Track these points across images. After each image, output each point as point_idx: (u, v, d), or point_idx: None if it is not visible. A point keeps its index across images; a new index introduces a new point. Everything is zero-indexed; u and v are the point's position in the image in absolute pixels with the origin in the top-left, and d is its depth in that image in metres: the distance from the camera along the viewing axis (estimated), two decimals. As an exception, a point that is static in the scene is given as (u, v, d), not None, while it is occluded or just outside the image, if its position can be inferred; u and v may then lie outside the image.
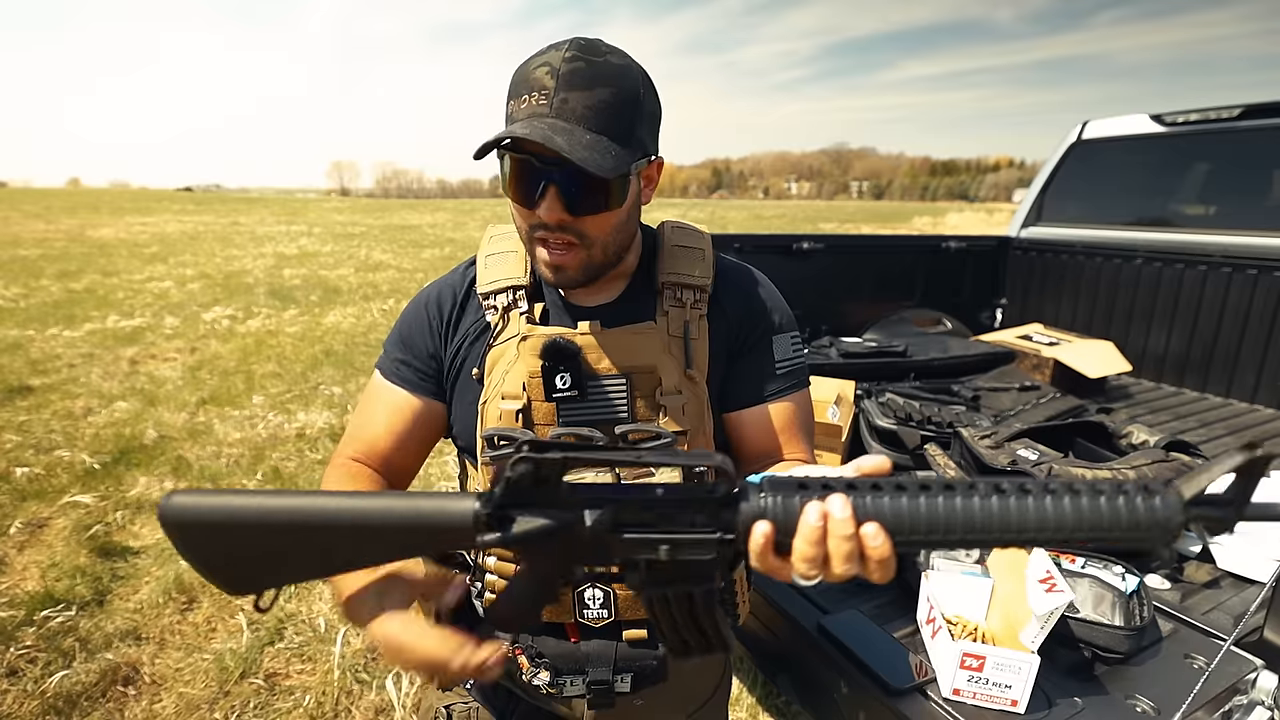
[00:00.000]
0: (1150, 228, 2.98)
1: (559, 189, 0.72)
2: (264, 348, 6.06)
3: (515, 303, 0.85)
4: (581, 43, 0.72)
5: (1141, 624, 1.10)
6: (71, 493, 3.19)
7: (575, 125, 0.69)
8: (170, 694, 2.02)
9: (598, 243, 0.77)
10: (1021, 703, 0.99)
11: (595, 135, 0.70)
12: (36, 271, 9.96)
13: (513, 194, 0.75)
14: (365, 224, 24.61)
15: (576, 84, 0.70)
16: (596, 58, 0.71)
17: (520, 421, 0.81)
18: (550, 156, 0.69)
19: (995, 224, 24.81)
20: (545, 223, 0.74)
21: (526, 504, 0.54)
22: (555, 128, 0.68)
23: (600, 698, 0.85)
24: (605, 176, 0.69)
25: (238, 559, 0.56)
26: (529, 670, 0.86)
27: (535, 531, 0.54)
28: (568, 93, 0.69)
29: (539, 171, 0.72)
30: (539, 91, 0.70)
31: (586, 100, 0.70)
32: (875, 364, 2.41)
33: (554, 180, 0.72)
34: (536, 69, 0.71)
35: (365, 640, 1.76)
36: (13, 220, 20.65)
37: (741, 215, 35.73)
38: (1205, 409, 2.56)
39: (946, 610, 1.12)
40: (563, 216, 0.73)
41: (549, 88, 0.70)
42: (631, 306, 0.86)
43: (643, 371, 0.81)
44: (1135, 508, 0.46)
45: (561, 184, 0.72)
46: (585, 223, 0.75)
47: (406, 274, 11.04)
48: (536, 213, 0.74)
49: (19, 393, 4.61)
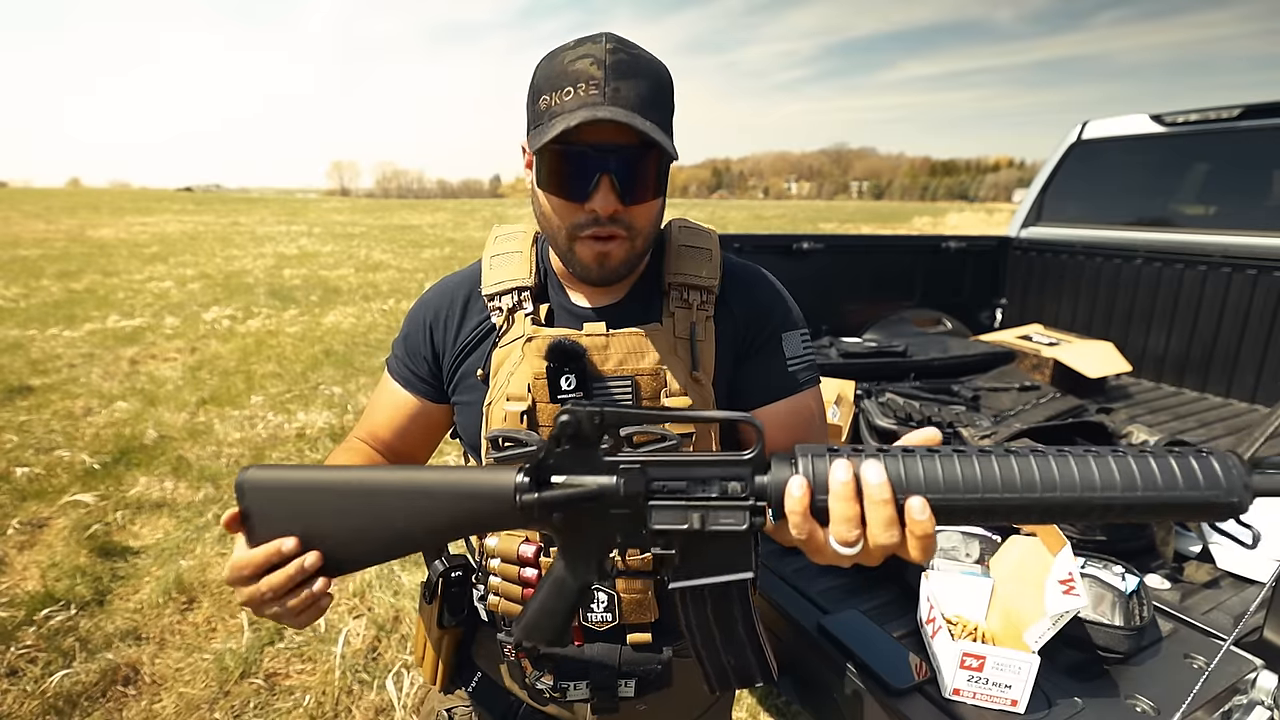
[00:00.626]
0: (1150, 228, 2.98)
1: (613, 178, 0.71)
2: (264, 348, 6.06)
3: (520, 304, 0.84)
4: (616, 37, 0.72)
5: (1141, 624, 1.10)
6: (71, 493, 3.19)
7: (633, 112, 0.69)
8: (170, 694, 2.02)
9: (641, 233, 0.77)
10: (1021, 703, 0.99)
11: (648, 122, 0.70)
12: (37, 271, 9.96)
13: (559, 189, 0.74)
14: (365, 224, 24.61)
15: (625, 73, 0.69)
16: (634, 51, 0.72)
17: (525, 423, 0.80)
18: (606, 144, 0.69)
19: (995, 224, 24.80)
20: (598, 216, 0.73)
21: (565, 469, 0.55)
22: (621, 113, 0.68)
23: (604, 702, 0.84)
24: (675, 157, 0.70)
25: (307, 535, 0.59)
26: (532, 673, 0.85)
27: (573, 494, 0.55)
28: (618, 82, 0.69)
29: (593, 162, 0.71)
30: (586, 82, 0.69)
31: (637, 89, 0.70)
32: (875, 364, 2.41)
33: (609, 169, 0.71)
34: (577, 60, 0.70)
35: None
36: (13, 220, 20.65)
37: (741, 215, 35.74)
38: (1205, 409, 2.56)
39: (946, 610, 1.12)
40: (617, 207, 0.73)
41: (598, 78, 0.69)
42: (638, 307, 0.85)
43: (648, 373, 0.81)
44: (1205, 468, 0.45)
45: (618, 172, 0.71)
46: (634, 212, 0.75)
47: (407, 274, 11.04)
48: (588, 206, 0.73)
49: (19, 393, 4.61)
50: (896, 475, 0.49)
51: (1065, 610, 0.97)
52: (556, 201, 0.75)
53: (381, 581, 2.58)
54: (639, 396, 0.81)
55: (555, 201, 0.75)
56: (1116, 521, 0.50)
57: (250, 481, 0.59)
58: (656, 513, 0.54)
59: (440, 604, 0.93)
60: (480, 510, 0.58)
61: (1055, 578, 1.03)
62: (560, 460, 0.55)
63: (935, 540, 0.50)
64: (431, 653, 0.95)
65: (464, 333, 0.88)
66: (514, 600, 0.83)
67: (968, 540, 1.29)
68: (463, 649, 0.98)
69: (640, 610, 0.83)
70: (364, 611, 2.42)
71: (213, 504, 3.17)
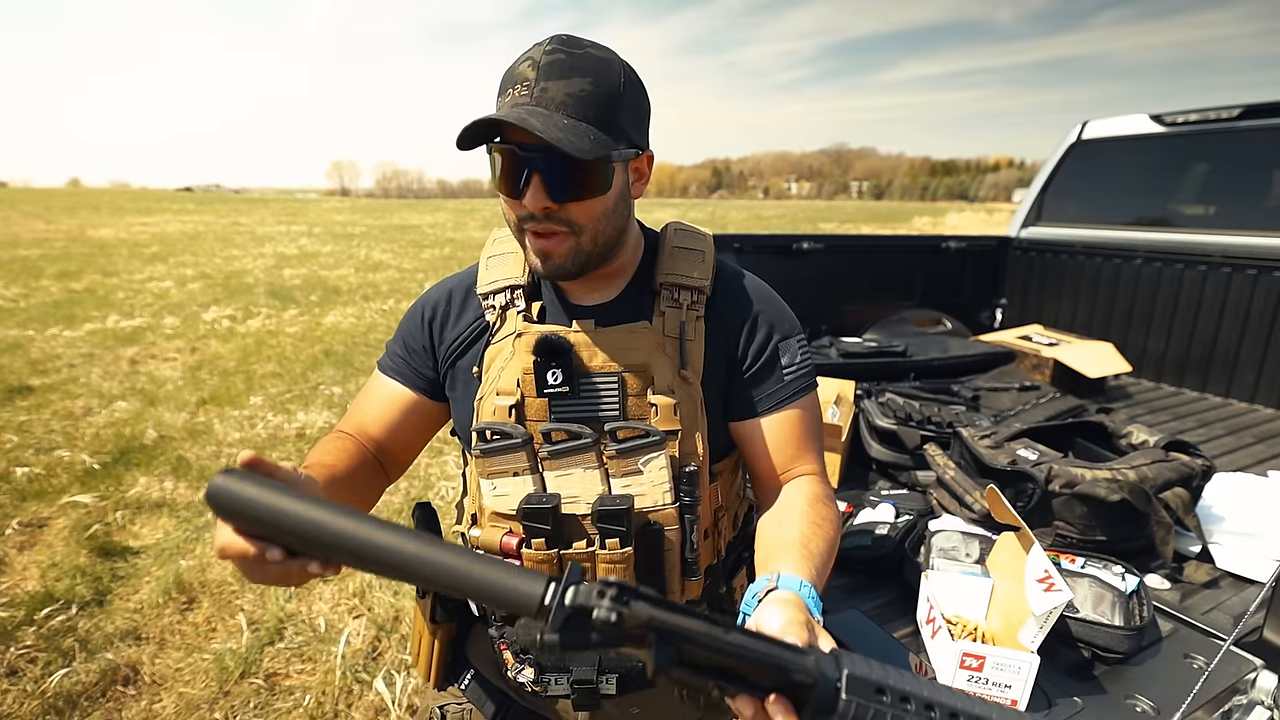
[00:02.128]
0: (1150, 228, 2.98)
1: (541, 176, 0.73)
2: (264, 348, 6.06)
3: (513, 302, 0.86)
4: (564, 38, 0.74)
5: (1141, 624, 1.10)
6: (71, 493, 3.19)
7: (553, 111, 0.71)
8: (170, 694, 2.02)
9: (586, 230, 0.77)
10: (1021, 703, 0.99)
11: (574, 121, 0.71)
12: (36, 271, 9.96)
13: (501, 186, 0.76)
14: (365, 224, 24.61)
15: (555, 74, 0.71)
16: (576, 50, 0.73)
17: (513, 416, 0.82)
18: (532, 144, 0.71)
19: (995, 224, 24.81)
20: (532, 212, 0.75)
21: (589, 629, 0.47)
22: (532, 112, 0.70)
23: (584, 698, 0.84)
24: (582, 157, 0.69)
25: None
26: (514, 666, 0.86)
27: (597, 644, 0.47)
28: (547, 82, 0.71)
29: (522, 160, 0.72)
30: (521, 84, 0.72)
31: (565, 88, 0.71)
32: (875, 364, 2.41)
33: (536, 167, 0.72)
34: (520, 65, 0.73)
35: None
36: (13, 220, 20.65)
37: (741, 215, 35.73)
38: (1205, 409, 2.56)
39: (946, 610, 1.12)
40: (547, 204, 0.74)
41: (529, 79, 0.72)
42: (629, 306, 0.86)
43: (635, 370, 0.82)
44: None
45: (544, 170, 0.72)
46: (571, 210, 0.75)
47: (407, 274, 11.04)
48: (523, 202, 0.74)
49: (19, 393, 4.61)
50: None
51: (1049, 608, 0.97)
52: (504, 198, 0.78)
53: (381, 582, 2.58)
54: (625, 393, 0.82)
55: (503, 198, 0.78)
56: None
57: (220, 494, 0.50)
58: (677, 672, 0.48)
59: (432, 599, 0.94)
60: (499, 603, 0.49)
61: (1032, 577, 1.03)
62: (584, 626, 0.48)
63: None
64: (425, 649, 0.96)
65: (460, 330, 0.90)
66: None
67: (967, 540, 1.29)
68: (456, 646, 0.99)
69: None
70: (364, 611, 2.42)
71: (213, 504, 3.17)
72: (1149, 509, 1.33)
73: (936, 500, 1.53)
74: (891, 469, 1.83)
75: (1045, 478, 1.35)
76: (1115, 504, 1.30)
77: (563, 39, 0.74)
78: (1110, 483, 1.31)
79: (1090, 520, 1.33)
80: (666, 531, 0.82)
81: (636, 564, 0.81)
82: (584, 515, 0.81)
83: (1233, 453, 2.09)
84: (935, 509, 1.52)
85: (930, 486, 1.61)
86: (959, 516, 1.43)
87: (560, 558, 0.81)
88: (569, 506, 0.81)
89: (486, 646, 0.91)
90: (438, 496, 3.31)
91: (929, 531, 1.34)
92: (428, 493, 3.34)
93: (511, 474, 0.82)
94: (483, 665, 0.97)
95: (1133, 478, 1.33)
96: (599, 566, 0.81)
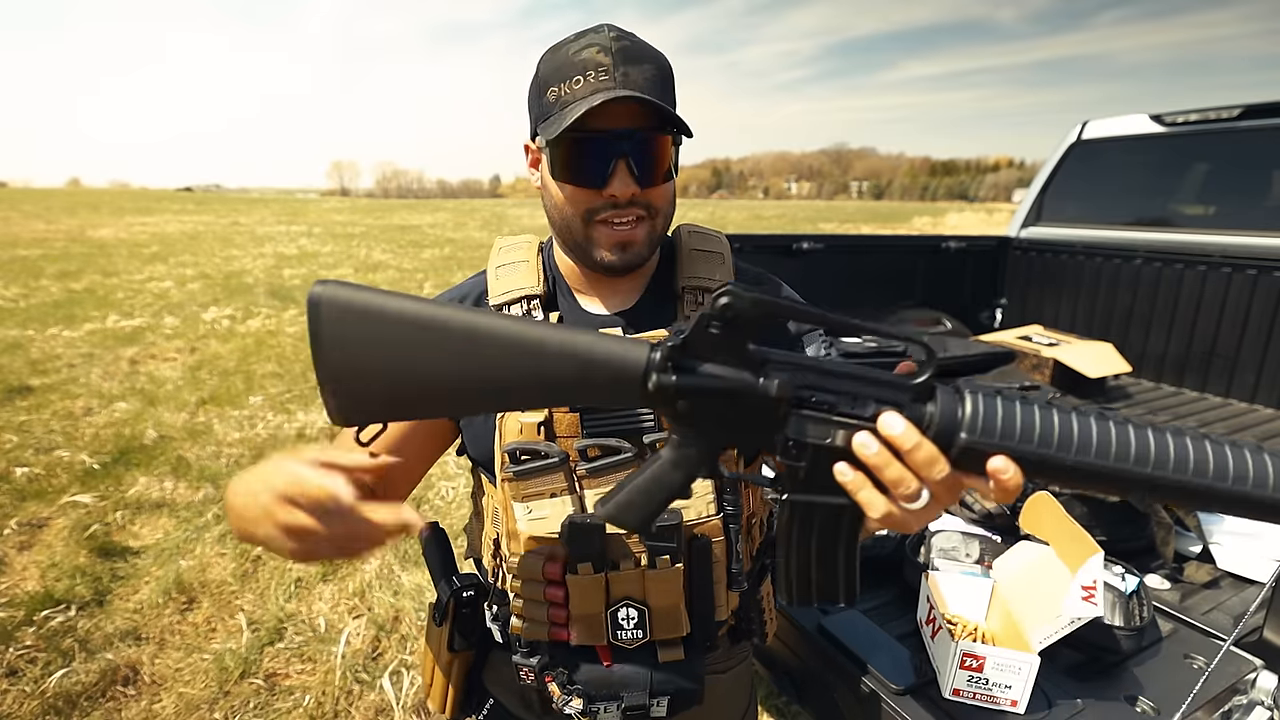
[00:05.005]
0: (1150, 228, 2.98)
1: (629, 162, 0.72)
2: (264, 348, 6.06)
3: (530, 312, 0.81)
4: (615, 27, 0.74)
5: (1141, 624, 1.10)
6: (71, 493, 3.19)
7: (645, 94, 0.70)
8: (170, 694, 2.02)
9: (661, 213, 0.77)
10: (1021, 703, 0.99)
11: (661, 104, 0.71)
12: (36, 271, 9.96)
13: (575, 177, 0.73)
14: (365, 224, 24.61)
15: (632, 59, 0.71)
16: (637, 39, 0.73)
17: (542, 434, 0.76)
18: (620, 130, 0.70)
19: (995, 224, 24.80)
20: (616, 200, 0.73)
21: (707, 356, 0.49)
22: (635, 94, 0.69)
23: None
24: (689, 136, 0.71)
25: (368, 371, 0.51)
26: (560, 698, 0.80)
27: (715, 385, 0.48)
28: (627, 67, 0.70)
29: (608, 147, 0.71)
30: (595, 69, 0.70)
31: (644, 73, 0.71)
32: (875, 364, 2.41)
33: (624, 153, 0.71)
34: (583, 50, 0.71)
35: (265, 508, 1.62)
36: (13, 220, 20.64)
37: (741, 215, 35.73)
38: (1205, 409, 2.56)
39: (946, 610, 1.12)
40: (635, 190, 0.73)
41: (606, 64, 0.70)
42: (648, 313, 0.83)
43: None
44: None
45: (633, 155, 0.71)
46: (652, 194, 0.75)
47: (406, 274, 11.03)
48: (606, 191, 0.72)
49: (19, 393, 4.61)
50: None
51: (1077, 615, 0.97)
52: (572, 190, 0.74)
53: (381, 581, 2.58)
54: None
55: (570, 190, 0.74)
56: (1205, 509, 0.48)
57: (327, 299, 0.50)
58: (799, 422, 0.49)
59: (451, 627, 0.89)
60: (595, 381, 0.51)
61: (1080, 582, 1.02)
62: (705, 345, 0.49)
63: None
64: (440, 678, 0.91)
65: None
66: (540, 622, 0.78)
67: (968, 540, 1.29)
68: (472, 673, 0.94)
69: (672, 625, 0.78)
70: (364, 611, 2.42)
71: (212, 504, 3.17)
72: (1149, 509, 1.33)
73: (936, 500, 1.54)
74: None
75: (1045, 478, 1.35)
76: (1115, 504, 1.30)
77: (617, 28, 0.73)
78: (1110, 483, 1.31)
79: (1090, 520, 1.33)
80: (713, 544, 0.79)
81: (686, 580, 0.78)
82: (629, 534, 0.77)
83: (1233, 453, 2.09)
84: (935, 509, 1.52)
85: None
86: (959, 516, 1.43)
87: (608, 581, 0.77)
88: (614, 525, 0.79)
89: (509, 674, 0.85)
90: (437, 497, 3.31)
91: (929, 532, 1.34)
92: (428, 492, 3.34)
93: (549, 495, 0.77)
94: (503, 694, 0.92)
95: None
96: (648, 587, 0.76)
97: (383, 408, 0.54)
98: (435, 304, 0.52)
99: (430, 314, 0.50)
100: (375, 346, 0.50)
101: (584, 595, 0.76)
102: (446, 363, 0.50)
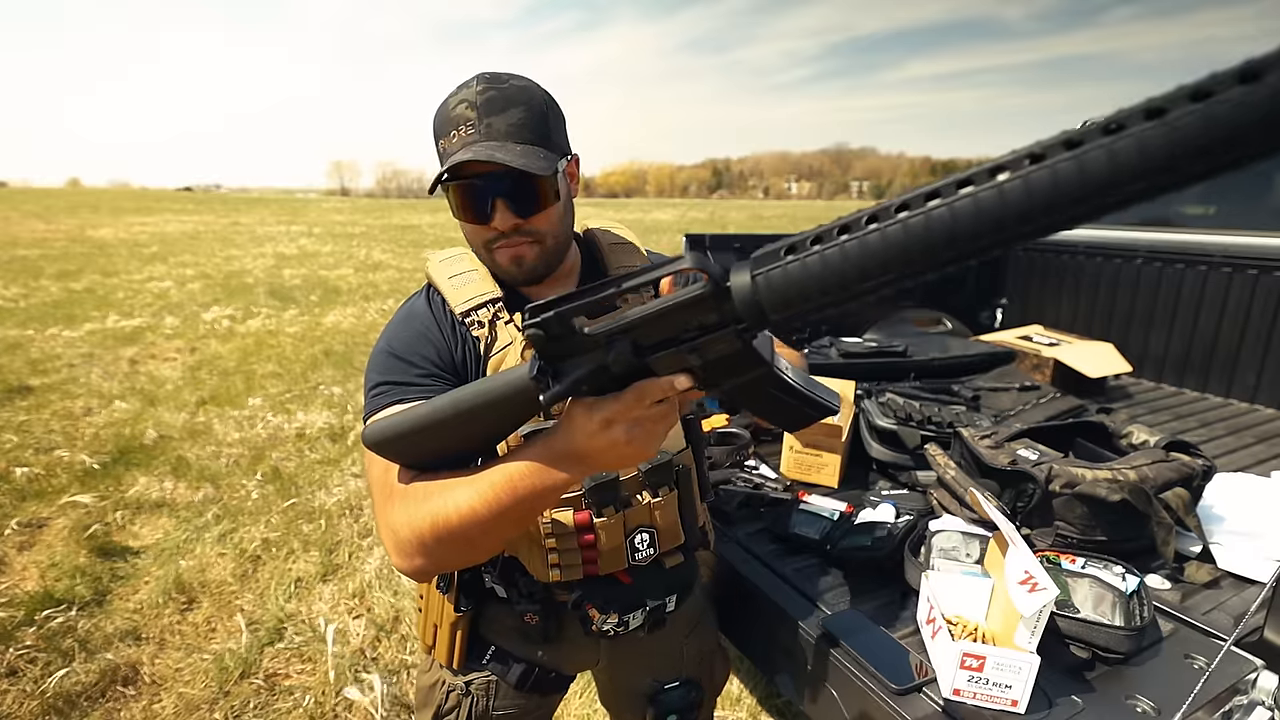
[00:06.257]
0: (1150, 228, 2.97)
1: (506, 199, 0.83)
2: (264, 348, 6.06)
3: (498, 314, 0.91)
4: (487, 76, 0.83)
5: (1141, 624, 1.10)
6: (71, 493, 3.19)
7: (505, 141, 0.81)
8: (170, 694, 2.02)
9: (549, 234, 0.88)
10: (1021, 703, 0.99)
11: (524, 145, 0.81)
12: (36, 271, 9.96)
13: (466, 216, 0.86)
14: (365, 224, 24.62)
15: (494, 109, 0.81)
16: (503, 85, 0.83)
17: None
18: (493, 172, 0.81)
19: (995, 224, 24.75)
20: (501, 231, 0.85)
21: (562, 357, 0.62)
22: (489, 147, 0.80)
23: (657, 622, 1.01)
24: (544, 175, 0.80)
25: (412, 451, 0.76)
26: (599, 619, 0.96)
27: (579, 377, 0.62)
28: (489, 118, 0.81)
29: (484, 189, 0.82)
30: (464, 124, 0.81)
31: (507, 120, 0.81)
32: (875, 364, 2.40)
33: (499, 193, 0.83)
34: (455, 107, 0.82)
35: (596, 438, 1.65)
36: (12, 220, 20.65)
37: (742, 215, 35.73)
38: (1205, 409, 2.56)
39: (946, 610, 1.12)
40: (515, 221, 0.84)
41: (472, 118, 0.81)
42: None
43: None
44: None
45: (507, 194, 0.83)
46: (535, 221, 0.86)
47: (406, 274, 11.04)
48: (491, 226, 0.84)
49: (19, 393, 4.61)
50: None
51: (1037, 608, 0.97)
52: (466, 226, 0.88)
53: (381, 581, 2.58)
54: None
55: (466, 226, 0.88)
56: None
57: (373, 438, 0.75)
58: (657, 363, 0.60)
59: (456, 590, 1.01)
60: (516, 415, 0.71)
61: (1014, 579, 1.03)
62: (555, 354, 0.62)
63: None
64: (446, 635, 1.03)
65: (460, 350, 0.90)
66: (574, 565, 0.94)
67: (968, 540, 1.29)
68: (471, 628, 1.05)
69: (673, 538, 1.00)
70: (363, 612, 2.42)
71: (212, 504, 3.17)
72: (1149, 509, 1.32)
73: (937, 500, 1.53)
74: (892, 469, 1.83)
75: (1045, 478, 1.35)
76: (1116, 504, 1.30)
77: (487, 77, 0.83)
78: (1111, 483, 1.31)
79: (1091, 520, 1.33)
80: (690, 470, 1.01)
81: (679, 502, 0.99)
82: (632, 476, 0.96)
83: (1233, 453, 2.09)
84: (935, 509, 1.52)
85: (930, 486, 1.61)
86: (959, 516, 1.42)
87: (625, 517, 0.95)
88: (624, 473, 0.95)
89: (510, 621, 1.02)
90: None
91: (929, 531, 1.34)
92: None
93: None
94: (502, 639, 1.05)
95: (1133, 478, 1.33)
96: (654, 513, 0.97)
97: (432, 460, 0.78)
98: (421, 407, 0.73)
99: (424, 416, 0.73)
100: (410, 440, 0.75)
101: (610, 534, 0.94)
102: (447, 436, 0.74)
